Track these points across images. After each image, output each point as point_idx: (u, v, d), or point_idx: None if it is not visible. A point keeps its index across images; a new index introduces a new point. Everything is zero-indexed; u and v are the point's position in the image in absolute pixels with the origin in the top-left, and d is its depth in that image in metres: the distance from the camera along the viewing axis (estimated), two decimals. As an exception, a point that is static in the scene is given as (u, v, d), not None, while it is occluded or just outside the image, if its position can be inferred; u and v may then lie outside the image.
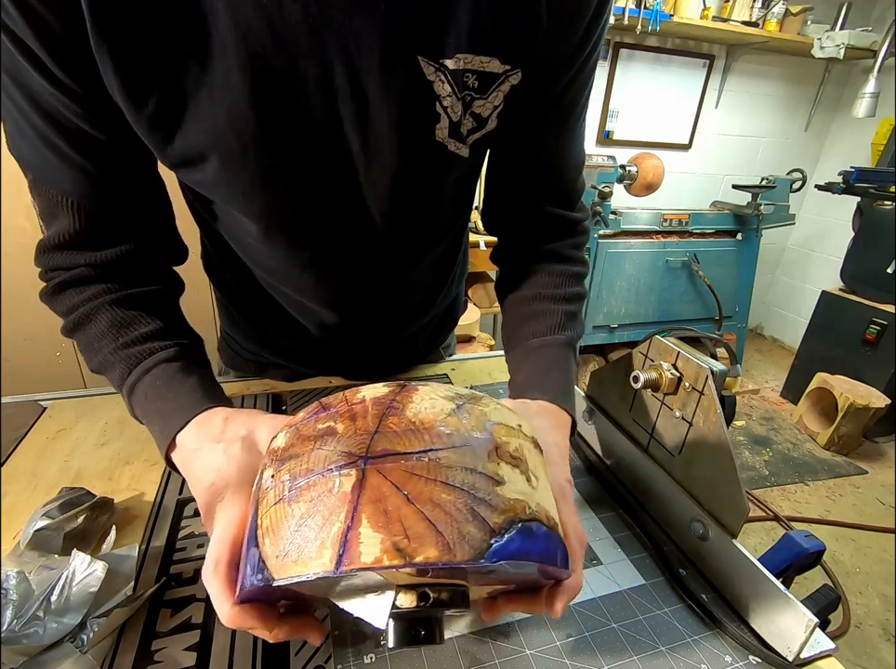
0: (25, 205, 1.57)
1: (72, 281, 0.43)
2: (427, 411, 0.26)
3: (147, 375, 0.41)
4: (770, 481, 2.09)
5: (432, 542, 0.22)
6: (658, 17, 2.21)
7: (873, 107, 2.32)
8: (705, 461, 0.47)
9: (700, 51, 2.68)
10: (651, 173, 2.32)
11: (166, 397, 0.39)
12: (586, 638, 0.41)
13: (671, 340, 0.51)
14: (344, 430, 0.25)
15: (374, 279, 0.55)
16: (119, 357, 0.41)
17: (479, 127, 0.45)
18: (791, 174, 2.67)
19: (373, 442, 0.24)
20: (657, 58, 2.62)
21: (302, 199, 0.45)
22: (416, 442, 0.24)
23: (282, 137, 0.40)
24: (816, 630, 0.39)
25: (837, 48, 2.42)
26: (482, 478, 0.24)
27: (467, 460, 0.25)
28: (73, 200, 0.41)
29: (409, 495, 0.23)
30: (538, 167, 0.53)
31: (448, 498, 0.23)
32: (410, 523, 0.22)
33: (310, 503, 0.23)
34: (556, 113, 0.49)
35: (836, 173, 2.32)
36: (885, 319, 2.24)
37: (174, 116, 0.38)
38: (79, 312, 0.43)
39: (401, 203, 0.48)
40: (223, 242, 0.54)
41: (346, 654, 0.38)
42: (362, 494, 0.23)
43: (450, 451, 0.24)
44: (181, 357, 0.42)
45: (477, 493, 0.24)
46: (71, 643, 0.36)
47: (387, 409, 0.26)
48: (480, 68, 0.41)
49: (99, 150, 0.40)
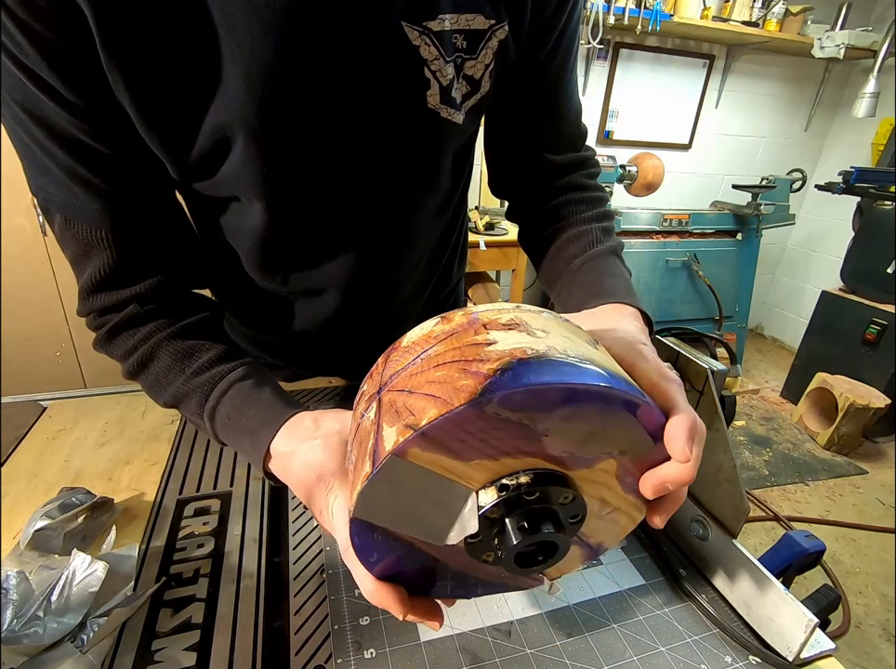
0: (25, 205, 1.57)
1: (123, 322, 0.43)
2: (415, 332, 0.29)
3: (224, 397, 0.41)
4: (770, 481, 2.09)
5: (432, 405, 0.23)
6: (658, 17, 2.21)
7: (873, 107, 2.31)
8: (705, 461, 0.47)
9: (700, 51, 2.68)
10: (651, 173, 2.32)
11: (248, 414, 0.40)
12: (585, 638, 0.41)
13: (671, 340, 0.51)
14: (368, 386, 0.30)
15: (372, 259, 0.54)
16: (191, 386, 0.42)
17: (473, 91, 0.45)
18: (791, 174, 2.67)
19: (382, 378, 0.28)
20: (657, 58, 2.62)
21: (305, 175, 0.45)
22: (410, 355, 0.27)
23: (283, 116, 0.40)
24: (816, 630, 0.39)
25: (837, 48, 2.42)
26: (471, 347, 0.25)
27: (454, 342, 0.26)
28: (106, 231, 0.41)
29: (410, 389, 0.25)
30: (538, 123, 0.53)
31: (440, 373, 0.25)
32: (413, 404, 0.24)
33: (359, 446, 0.27)
34: (549, 65, 0.49)
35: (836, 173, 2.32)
36: (885, 319, 2.24)
37: (190, 116, 0.38)
38: (139, 353, 0.43)
39: (397, 175, 0.48)
40: (222, 251, 0.53)
41: (346, 649, 0.38)
42: (381, 413, 0.26)
43: (438, 345, 0.27)
44: (250, 375, 0.43)
45: (467, 358, 0.25)
46: (71, 643, 0.36)
47: (388, 352, 0.30)
48: (466, 26, 0.41)
49: (122, 174, 0.40)
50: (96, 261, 0.42)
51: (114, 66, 0.34)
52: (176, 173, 0.42)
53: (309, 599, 0.42)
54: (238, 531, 0.49)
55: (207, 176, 0.42)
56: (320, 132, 0.42)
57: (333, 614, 0.41)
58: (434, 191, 0.54)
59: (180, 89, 0.37)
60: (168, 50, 0.35)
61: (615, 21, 2.22)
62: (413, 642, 0.40)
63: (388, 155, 0.46)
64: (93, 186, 0.39)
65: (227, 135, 0.39)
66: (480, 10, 0.41)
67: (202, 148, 0.40)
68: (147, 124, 0.38)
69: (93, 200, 0.40)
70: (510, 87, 0.49)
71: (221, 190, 0.45)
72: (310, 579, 0.44)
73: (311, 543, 0.48)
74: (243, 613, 0.41)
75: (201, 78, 0.37)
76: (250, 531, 0.49)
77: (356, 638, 0.39)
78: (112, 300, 0.43)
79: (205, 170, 0.42)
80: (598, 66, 2.56)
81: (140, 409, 0.68)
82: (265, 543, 0.47)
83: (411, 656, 0.38)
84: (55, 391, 0.71)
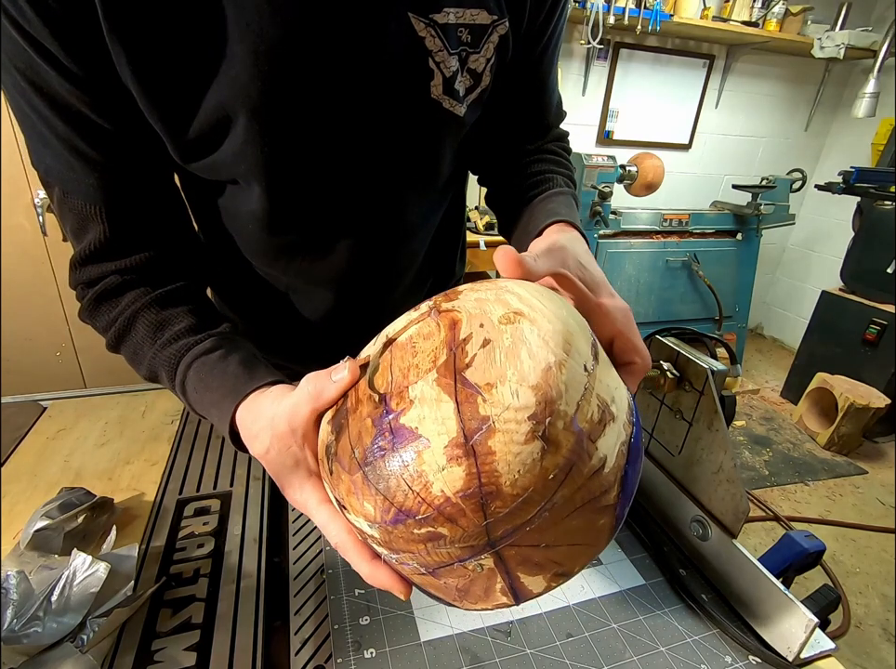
0: (25, 205, 1.56)
1: (105, 292, 0.43)
2: (520, 473, 0.22)
3: (190, 370, 0.41)
4: (770, 481, 2.09)
5: (580, 553, 0.24)
6: (658, 17, 2.21)
7: (873, 107, 2.31)
8: (705, 461, 0.47)
9: (700, 51, 2.68)
10: (651, 173, 2.32)
11: (212, 386, 0.39)
12: (585, 638, 0.41)
13: (671, 340, 0.51)
14: (451, 534, 0.23)
15: (371, 245, 0.54)
16: (161, 359, 0.41)
17: (475, 84, 0.46)
18: (791, 174, 2.67)
19: (490, 531, 0.23)
20: (657, 58, 2.62)
21: (305, 158, 0.45)
22: (527, 510, 0.23)
23: (287, 97, 0.40)
24: (816, 630, 0.39)
25: (837, 48, 2.42)
26: (592, 480, 0.24)
27: (576, 480, 0.23)
28: (101, 207, 0.41)
29: (546, 544, 0.24)
30: (524, 116, 0.56)
31: (577, 522, 0.24)
32: (556, 557, 0.24)
33: (463, 578, 0.25)
34: (540, 63, 0.52)
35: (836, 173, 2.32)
36: (885, 319, 2.23)
37: (191, 94, 0.38)
38: (117, 325, 0.43)
39: (396, 162, 0.48)
40: (220, 239, 0.53)
41: (346, 649, 0.38)
42: (508, 564, 0.24)
43: (561, 490, 0.23)
44: (218, 346, 0.42)
45: (595, 495, 0.24)
46: (71, 643, 0.36)
47: (481, 499, 0.22)
48: (471, 21, 0.43)
49: (120, 150, 0.40)
50: (91, 235, 0.42)
51: (116, 39, 0.34)
52: (175, 151, 0.42)
53: (309, 599, 0.42)
54: (238, 531, 0.49)
55: (206, 154, 0.42)
56: (322, 115, 0.42)
57: (333, 614, 0.41)
58: (433, 181, 0.54)
59: (183, 65, 0.37)
60: (173, 25, 0.35)
61: (615, 21, 2.22)
62: (413, 642, 0.40)
63: (389, 142, 0.46)
64: (90, 160, 0.39)
65: (228, 114, 0.39)
66: (484, 6, 0.43)
67: (202, 125, 0.40)
68: (147, 100, 0.38)
69: (89, 174, 0.40)
70: (501, 82, 0.50)
71: (220, 173, 0.45)
72: (310, 579, 0.44)
73: (311, 543, 0.48)
74: (243, 613, 0.41)
75: (205, 55, 0.37)
76: (250, 531, 0.49)
77: (356, 638, 0.39)
78: (98, 272, 0.43)
79: (205, 149, 0.42)
80: (598, 66, 2.56)
81: (140, 409, 0.68)
82: (265, 543, 0.47)
83: (411, 656, 0.38)
84: (55, 391, 0.71)
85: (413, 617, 0.41)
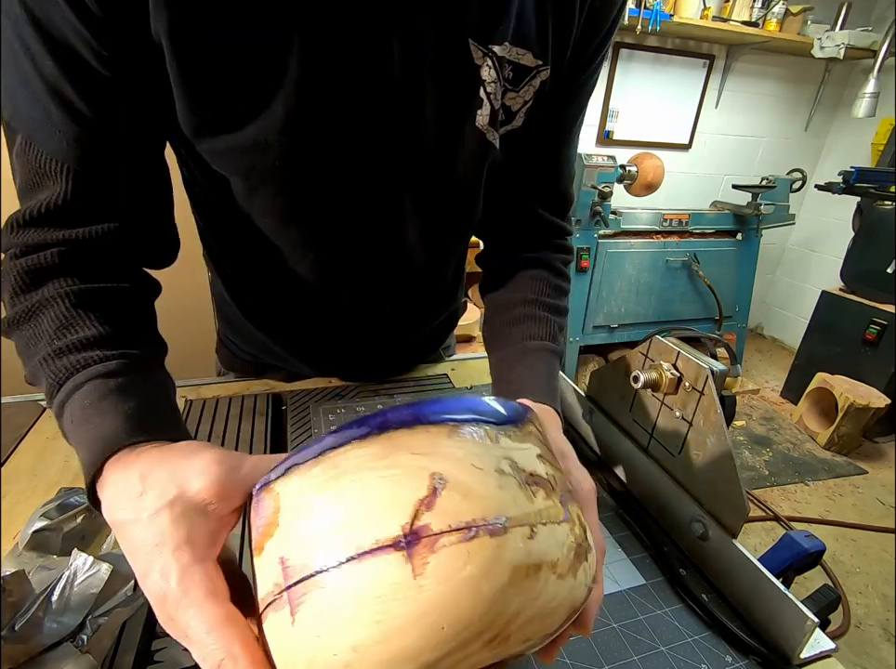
0: (25, 205, 1.56)
1: (35, 269, 0.35)
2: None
3: (77, 393, 0.31)
4: (770, 481, 2.09)
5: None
6: (658, 17, 2.21)
7: (873, 107, 2.31)
8: (705, 461, 0.47)
9: (700, 51, 2.68)
10: (651, 173, 2.32)
11: (92, 422, 0.30)
12: (586, 638, 0.41)
13: (671, 340, 0.51)
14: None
15: (391, 267, 0.54)
16: (48, 368, 0.33)
17: (507, 121, 0.46)
18: (791, 174, 2.67)
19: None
20: (657, 58, 2.62)
21: (335, 171, 0.43)
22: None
23: (334, 106, 0.39)
24: (816, 630, 0.39)
25: (837, 48, 2.42)
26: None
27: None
28: (67, 165, 0.35)
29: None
30: (538, 170, 0.53)
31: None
32: None
33: None
34: (564, 117, 0.51)
35: (836, 173, 2.32)
36: (885, 319, 2.24)
37: (233, 69, 0.36)
38: (22, 306, 0.35)
39: (434, 187, 0.48)
40: (228, 237, 0.53)
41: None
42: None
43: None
44: (124, 372, 0.33)
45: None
46: (71, 643, 0.36)
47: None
48: (517, 59, 0.42)
49: (111, 103, 0.36)
50: (44, 194, 0.36)
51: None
52: (189, 120, 0.38)
53: (309, 599, 0.42)
54: (238, 530, 0.49)
55: (226, 131, 0.38)
56: (366, 125, 0.42)
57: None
58: (470, 212, 0.54)
59: (233, 52, 0.35)
60: (235, 10, 0.34)
61: (615, 21, 2.22)
62: (413, 642, 0.39)
63: (432, 165, 0.45)
64: (74, 110, 0.34)
65: (267, 98, 0.37)
66: (530, 49, 0.43)
67: (233, 100, 0.37)
68: (178, 61, 0.35)
69: (68, 125, 0.35)
70: (532, 128, 0.49)
71: (231, 162, 0.42)
72: (310, 579, 0.44)
73: (311, 543, 0.48)
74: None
75: (258, 38, 0.35)
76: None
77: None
78: (37, 239, 0.36)
79: (226, 125, 0.38)
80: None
81: (140, 409, 0.68)
82: (265, 543, 0.47)
83: (411, 656, 0.38)
84: (55, 391, 0.71)
85: (413, 617, 0.41)
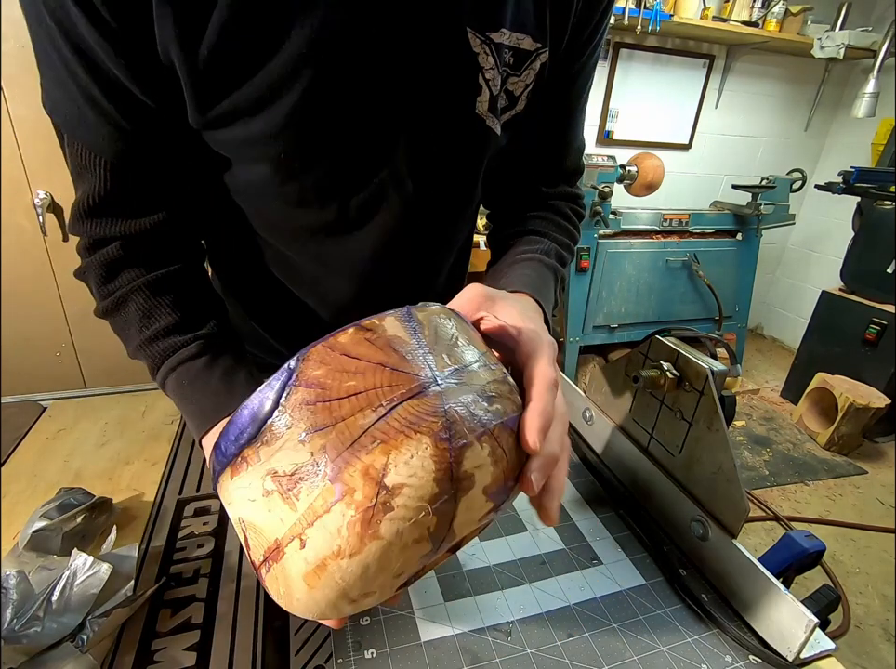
0: (25, 205, 1.56)
1: (105, 263, 0.43)
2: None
3: (173, 373, 0.42)
4: (770, 481, 2.09)
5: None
6: (658, 17, 2.21)
7: (873, 107, 2.31)
8: (705, 461, 0.47)
9: (700, 51, 2.68)
10: (651, 173, 2.31)
11: (191, 398, 0.41)
12: (586, 638, 0.41)
13: (671, 340, 0.51)
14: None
15: (396, 256, 0.54)
16: (145, 353, 0.43)
17: (510, 106, 0.47)
18: (791, 174, 2.67)
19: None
20: (657, 58, 2.62)
21: (341, 157, 0.44)
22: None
23: (336, 89, 0.40)
24: (816, 630, 0.39)
25: (837, 48, 2.42)
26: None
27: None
28: (104, 159, 0.40)
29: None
30: (542, 153, 0.55)
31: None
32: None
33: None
34: (566, 101, 0.52)
35: (836, 173, 2.32)
36: (885, 319, 2.23)
37: (244, 62, 0.37)
38: (112, 299, 0.43)
39: (434, 175, 0.48)
40: (234, 231, 0.52)
41: (346, 649, 0.38)
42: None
43: None
44: (201, 353, 0.42)
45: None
46: (71, 643, 0.36)
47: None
48: (516, 44, 0.43)
49: (138, 108, 0.39)
50: (87, 184, 0.41)
51: (167, 2, 0.33)
52: (197, 110, 0.40)
53: (309, 599, 0.42)
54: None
55: (232, 123, 0.40)
56: (364, 115, 0.42)
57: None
58: (470, 199, 0.54)
59: (239, 43, 0.36)
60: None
61: (615, 21, 2.22)
62: (413, 642, 0.40)
63: (430, 151, 0.46)
64: (104, 111, 0.38)
65: (278, 87, 0.38)
66: (529, 33, 0.44)
67: (236, 102, 0.38)
68: (187, 66, 0.36)
69: (100, 125, 0.38)
70: (534, 109, 0.50)
71: (241, 152, 0.43)
72: (310, 579, 0.44)
73: (311, 543, 0.48)
74: (243, 613, 0.41)
75: (258, 34, 0.36)
76: (250, 531, 0.49)
77: (356, 638, 0.39)
78: (103, 232, 0.42)
79: (232, 119, 0.40)
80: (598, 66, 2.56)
81: (140, 409, 0.68)
82: (265, 543, 0.47)
83: (411, 656, 0.38)
84: (55, 391, 0.71)
85: (413, 617, 0.41)
